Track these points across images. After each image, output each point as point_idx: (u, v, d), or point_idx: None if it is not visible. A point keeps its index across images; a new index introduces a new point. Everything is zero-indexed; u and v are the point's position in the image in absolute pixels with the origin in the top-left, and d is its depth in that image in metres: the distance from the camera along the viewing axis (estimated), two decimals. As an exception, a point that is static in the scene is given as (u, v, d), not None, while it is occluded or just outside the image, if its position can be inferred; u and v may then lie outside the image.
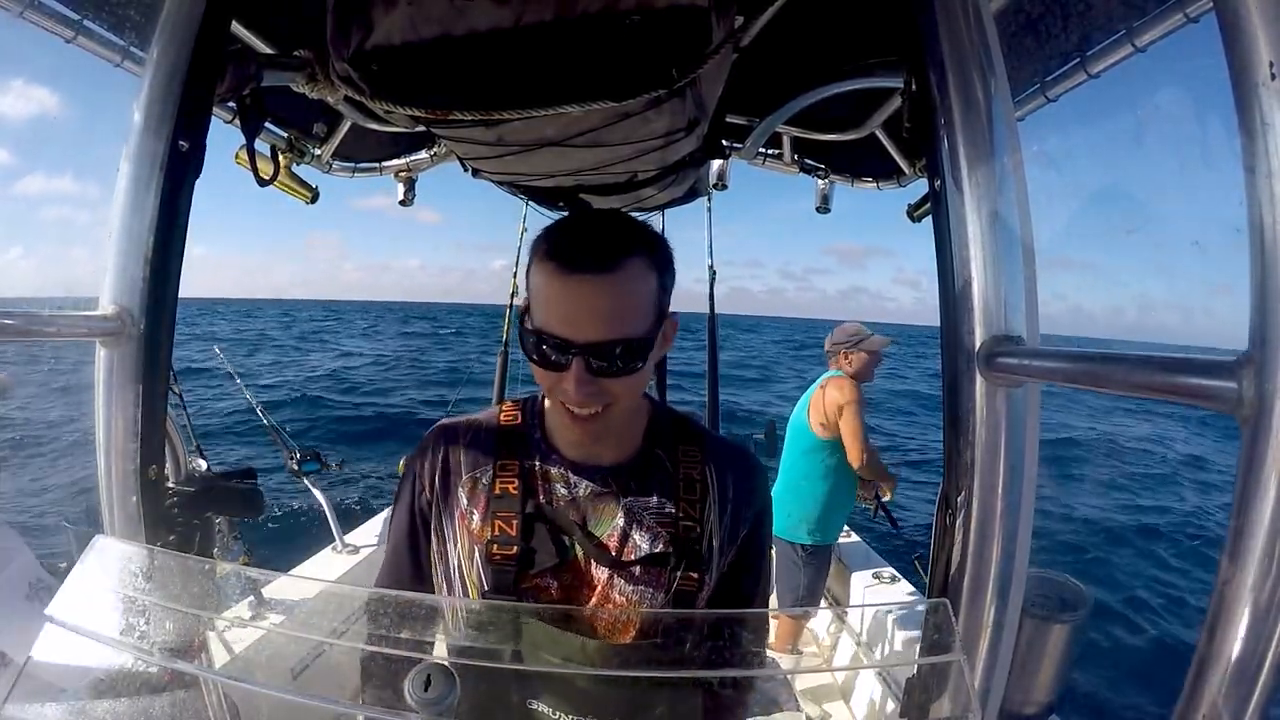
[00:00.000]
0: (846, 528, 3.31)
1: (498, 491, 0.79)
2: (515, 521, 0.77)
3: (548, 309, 0.68)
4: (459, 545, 0.80)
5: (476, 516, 0.79)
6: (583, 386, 0.68)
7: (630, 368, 0.69)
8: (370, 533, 2.82)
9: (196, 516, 0.98)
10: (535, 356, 0.71)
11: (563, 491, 0.79)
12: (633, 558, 0.77)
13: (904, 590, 2.80)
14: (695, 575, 0.77)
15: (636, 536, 0.78)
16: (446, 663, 0.48)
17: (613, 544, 0.78)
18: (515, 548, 0.76)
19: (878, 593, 2.79)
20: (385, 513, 2.90)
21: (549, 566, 0.77)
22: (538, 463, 0.80)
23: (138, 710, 0.53)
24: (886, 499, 2.93)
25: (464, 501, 0.80)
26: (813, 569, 2.73)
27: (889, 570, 2.93)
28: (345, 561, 2.56)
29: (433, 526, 0.82)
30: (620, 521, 0.78)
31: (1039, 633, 0.78)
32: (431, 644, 0.58)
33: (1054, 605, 0.79)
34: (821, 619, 3.16)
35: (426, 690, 0.45)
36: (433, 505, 0.82)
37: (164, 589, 0.51)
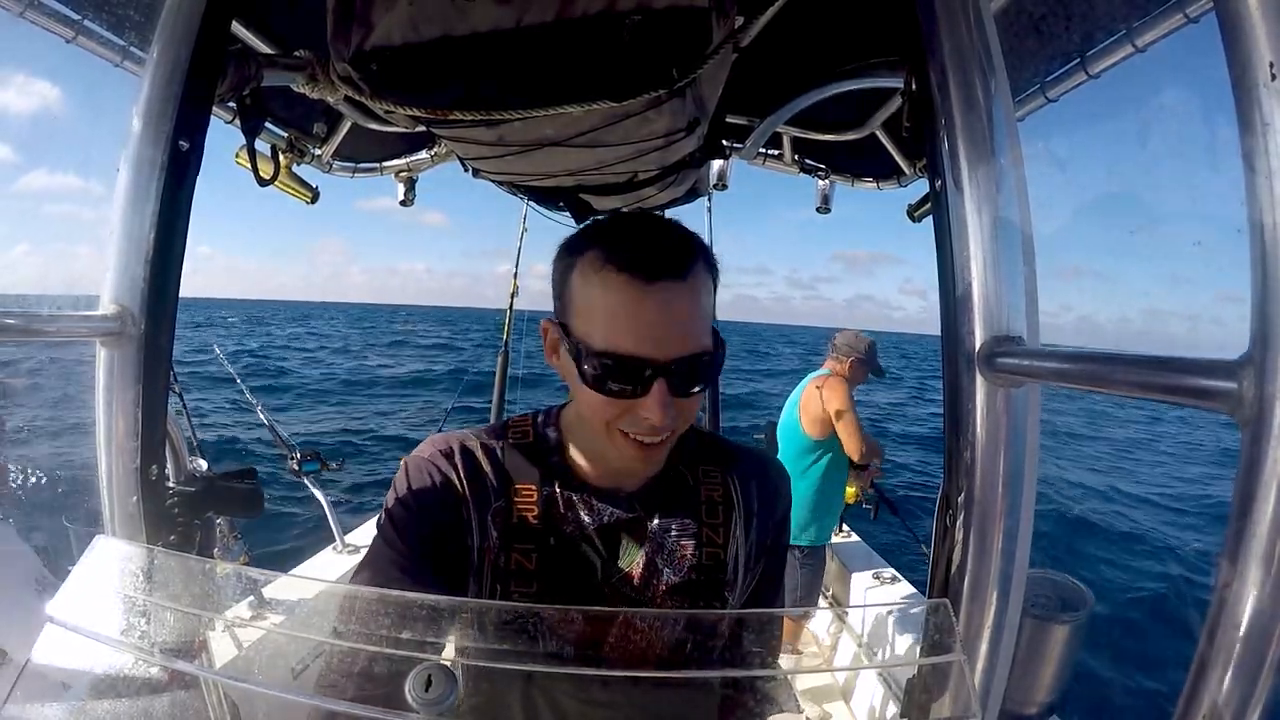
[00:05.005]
0: (847, 528, 3.32)
1: (515, 519, 0.71)
2: (534, 555, 0.70)
3: (617, 326, 0.60)
4: (484, 583, 0.71)
5: (495, 548, 0.71)
6: (667, 410, 0.61)
7: (706, 384, 0.64)
8: (371, 533, 2.81)
9: (197, 516, 0.98)
10: (605, 384, 0.61)
11: (587, 519, 0.73)
12: (661, 589, 0.73)
13: (904, 590, 2.80)
14: (719, 606, 0.74)
15: (662, 565, 0.74)
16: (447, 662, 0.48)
17: (638, 573, 0.73)
18: (535, 584, 0.70)
19: (878, 593, 2.79)
20: None
21: (571, 604, 0.69)
22: (558, 488, 0.73)
23: (138, 710, 0.53)
24: (877, 479, 2.99)
25: (493, 533, 0.71)
26: (809, 570, 2.75)
27: (889, 570, 2.94)
28: (345, 562, 2.56)
29: (453, 556, 0.71)
30: (646, 549, 0.73)
31: (1039, 633, 0.78)
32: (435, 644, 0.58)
33: (1054, 605, 0.79)
34: (821, 619, 3.16)
35: (427, 690, 0.45)
36: (468, 529, 0.71)
37: (164, 589, 0.51)
